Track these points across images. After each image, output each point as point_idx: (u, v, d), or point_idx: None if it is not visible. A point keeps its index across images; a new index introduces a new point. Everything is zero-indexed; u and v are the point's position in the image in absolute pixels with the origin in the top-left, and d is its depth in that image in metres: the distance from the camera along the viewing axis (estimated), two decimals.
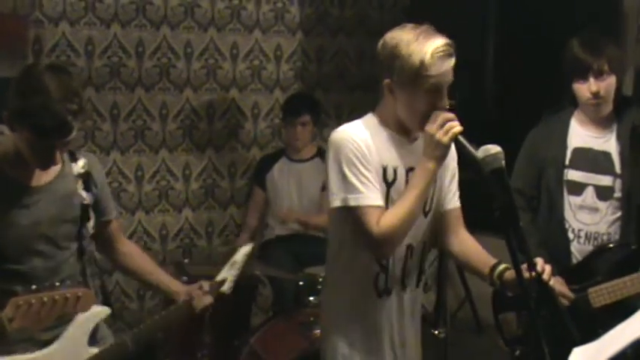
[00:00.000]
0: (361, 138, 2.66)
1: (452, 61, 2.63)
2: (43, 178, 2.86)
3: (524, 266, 2.49)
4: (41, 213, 2.84)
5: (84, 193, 2.94)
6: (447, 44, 2.61)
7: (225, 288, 3.27)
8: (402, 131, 2.73)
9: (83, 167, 2.95)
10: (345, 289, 2.80)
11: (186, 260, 4.90)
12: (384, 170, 2.69)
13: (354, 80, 5.69)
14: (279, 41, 5.43)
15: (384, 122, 2.73)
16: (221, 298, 3.28)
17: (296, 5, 5.46)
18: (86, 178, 2.95)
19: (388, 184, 2.70)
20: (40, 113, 2.61)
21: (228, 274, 3.29)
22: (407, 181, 2.71)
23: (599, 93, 3.40)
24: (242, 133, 5.39)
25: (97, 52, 4.83)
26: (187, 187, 5.24)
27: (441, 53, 2.59)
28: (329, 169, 2.69)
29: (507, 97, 5.38)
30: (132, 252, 3.22)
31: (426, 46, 2.58)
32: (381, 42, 2.68)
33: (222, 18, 5.20)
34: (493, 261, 2.77)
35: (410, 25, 2.66)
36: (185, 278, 4.25)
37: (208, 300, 3.19)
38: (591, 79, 3.40)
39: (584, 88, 3.42)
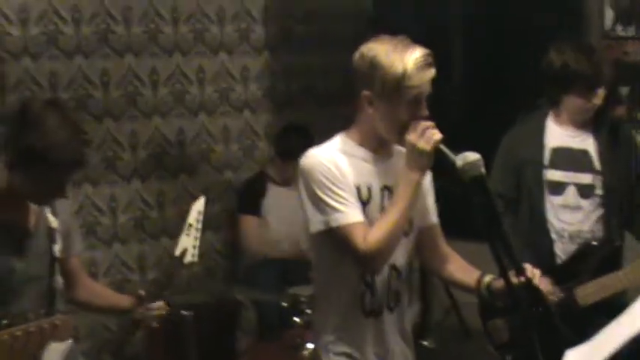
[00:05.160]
0: (330, 160, 2.63)
1: (432, 72, 2.61)
2: (33, 219, 2.86)
3: (512, 272, 2.47)
4: (34, 256, 2.83)
5: (50, 217, 2.89)
6: (426, 54, 2.60)
7: (189, 257, 3.08)
8: (377, 148, 2.70)
9: None
10: (332, 311, 2.75)
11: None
12: (358, 190, 2.65)
13: (324, 96, 5.66)
14: (245, 62, 5.39)
15: (356, 140, 2.70)
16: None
17: (260, 24, 5.43)
18: (52, 205, 2.92)
19: (363, 203, 2.66)
20: (60, 148, 2.65)
21: (187, 244, 3.09)
22: (382, 200, 2.68)
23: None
24: (213, 156, 5.33)
25: (62, 85, 4.76)
26: (162, 215, 5.16)
27: (422, 63, 2.58)
28: (303, 196, 2.66)
29: (475, 103, 5.39)
30: (88, 285, 3.18)
31: (406, 57, 2.57)
32: (357, 54, 2.65)
33: (186, 42, 5.16)
34: (477, 273, 2.75)
35: (386, 37, 2.65)
36: None
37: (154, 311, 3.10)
38: (598, 93, 3.46)
39: (587, 101, 3.47)
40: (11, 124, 2.75)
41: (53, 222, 2.91)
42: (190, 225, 3.13)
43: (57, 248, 2.90)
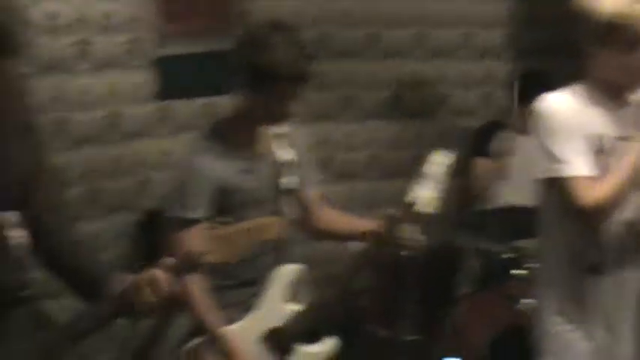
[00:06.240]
0: (566, 107, 2.56)
1: None
2: (261, 146, 3.01)
3: None
4: (260, 179, 2.98)
5: (282, 152, 3.03)
6: None
7: (422, 207, 2.97)
8: (613, 96, 2.59)
9: (283, 129, 3.07)
10: (556, 265, 2.70)
11: None
12: (591, 140, 2.56)
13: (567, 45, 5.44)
14: (487, 8, 5.28)
15: (592, 88, 2.60)
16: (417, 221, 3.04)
17: None
18: (284, 138, 3.06)
19: (595, 153, 2.57)
20: (287, 64, 2.79)
21: (420, 192, 2.98)
22: (615, 151, 2.57)
23: None
24: (451, 101, 5.30)
25: (306, 23, 4.89)
26: (397, 156, 5.22)
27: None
28: (535, 141, 2.62)
29: None
30: (327, 215, 3.26)
31: None
32: (573, 2, 2.58)
33: None
34: None
35: None
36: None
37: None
38: None
39: None
40: (239, 47, 2.90)
41: (285, 155, 3.04)
42: (427, 175, 3.00)
43: (287, 181, 3.04)
